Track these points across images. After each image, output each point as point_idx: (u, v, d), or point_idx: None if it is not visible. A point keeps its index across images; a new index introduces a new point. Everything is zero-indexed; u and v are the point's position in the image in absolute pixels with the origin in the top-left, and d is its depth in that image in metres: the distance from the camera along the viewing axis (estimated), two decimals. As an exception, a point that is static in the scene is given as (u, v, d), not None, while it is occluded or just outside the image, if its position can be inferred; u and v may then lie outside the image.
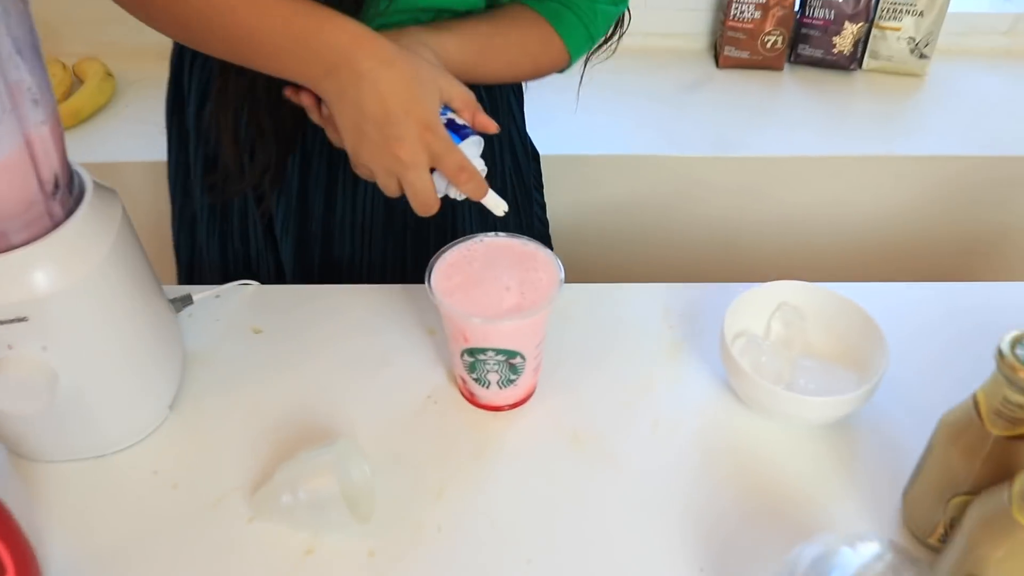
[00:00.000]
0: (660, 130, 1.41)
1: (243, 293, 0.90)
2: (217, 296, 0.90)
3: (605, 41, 0.93)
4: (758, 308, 0.80)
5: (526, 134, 1.08)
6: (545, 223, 1.16)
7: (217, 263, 1.05)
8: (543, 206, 1.16)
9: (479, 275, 0.72)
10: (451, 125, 0.70)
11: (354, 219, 0.95)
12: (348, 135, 0.68)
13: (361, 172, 0.72)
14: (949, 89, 1.50)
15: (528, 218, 1.10)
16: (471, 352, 0.72)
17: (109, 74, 1.47)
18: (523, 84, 1.04)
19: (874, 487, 0.72)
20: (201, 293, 0.87)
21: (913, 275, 1.49)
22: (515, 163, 1.05)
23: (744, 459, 0.75)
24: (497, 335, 0.70)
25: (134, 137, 1.38)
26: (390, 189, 0.70)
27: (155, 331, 0.76)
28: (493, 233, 0.76)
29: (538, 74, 0.90)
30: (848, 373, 0.76)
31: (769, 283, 0.80)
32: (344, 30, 0.66)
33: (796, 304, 0.80)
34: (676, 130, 1.41)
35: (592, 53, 0.94)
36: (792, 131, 1.40)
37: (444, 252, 0.74)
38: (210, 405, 0.79)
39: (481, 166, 0.72)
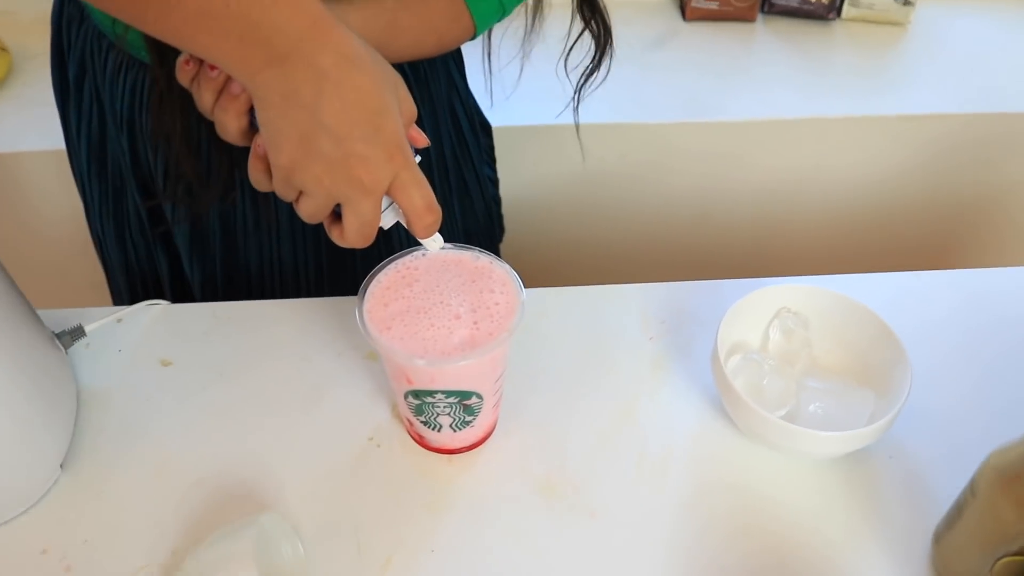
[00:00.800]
0: (624, 94, 1.28)
1: (150, 315, 0.77)
2: (119, 320, 0.76)
3: (596, 66, 0.79)
4: (753, 316, 0.69)
5: (472, 104, 0.95)
6: (498, 201, 1.04)
7: (120, 265, 0.92)
8: (496, 182, 1.03)
9: (422, 300, 0.59)
10: None
11: (257, 216, 0.82)
12: (288, 147, 0.52)
13: (281, 190, 0.55)
14: (936, 38, 1.39)
15: (477, 200, 0.97)
16: (416, 394, 0.59)
17: (3, 48, 1.30)
18: (461, 48, 0.91)
19: (898, 526, 0.62)
20: (95, 322, 0.74)
21: (904, 244, 1.40)
22: (458, 136, 0.92)
23: (745, 498, 0.64)
24: (446, 377, 0.57)
25: (35, 122, 1.21)
26: (318, 215, 0.55)
27: (34, 378, 0.63)
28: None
29: (441, 51, 0.77)
30: (862, 391, 0.65)
31: (764, 286, 0.69)
32: (302, 9, 0.49)
33: (797, 309, 0.69)
34: (642, 93, 1.28)
35: (586, 81, 0.80)
36: (768, 91, 1.28)
37: (378, 272, 0.61)
38: (111, 460, 0.66)
39: None
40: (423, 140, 0.59)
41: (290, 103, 0.50)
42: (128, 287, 0.95)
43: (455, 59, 0.90)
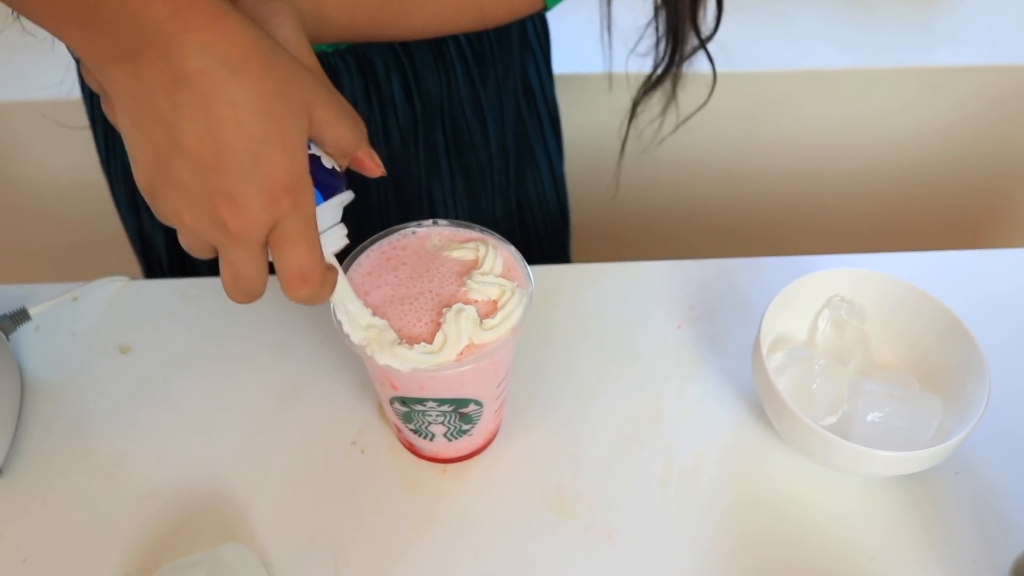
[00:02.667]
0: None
1: (109, 293, 0.68)
2: (75, 300, 0.67)
3: (669, 67, 0.71)
4: (799, 303, 0.59)
5: (553, 94, 0.82)
6: (564, 214, 0.90)
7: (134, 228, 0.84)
8: (562, 181, 0.90)
9: (408, 288, 0.50)
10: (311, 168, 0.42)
11: None
12: (144, 164, 0.40)
13: (158, 211, 0.42)
14: (992, -21, 1.26)
15: (547, 182, 0.85)
16: (404, 401, 0.50)
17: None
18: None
19: (968, 554, 0.53)
20: (45, 303, 0.65)
21: (954, 209, 1.29)
22: (531, 108, 0.80)
23: (786, 519, 0.55)
24: (438, 384, 0.48)
25: (28, 62, 1.12)
26: (198, 252, 0.43)
27: (-38, 373, 0.54)
28: (431, 221, 0.53)
29: (486, 24, 0.63)
30: (926, 397, 0.55)
31: (811, 271, 0.59)
32: None
33: (851, 297, 0.59)
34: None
35: (645, 94, 0.73)
36: (805, 39, 1.17)
37: (359, 254, 0.52)
38: (57, 464, 0.58)
39: (340, 241, 0.46)
40: (375, 169, 0.46)
41: (144, 111, 0.38)
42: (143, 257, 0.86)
43: (536, 25, 0.78)
